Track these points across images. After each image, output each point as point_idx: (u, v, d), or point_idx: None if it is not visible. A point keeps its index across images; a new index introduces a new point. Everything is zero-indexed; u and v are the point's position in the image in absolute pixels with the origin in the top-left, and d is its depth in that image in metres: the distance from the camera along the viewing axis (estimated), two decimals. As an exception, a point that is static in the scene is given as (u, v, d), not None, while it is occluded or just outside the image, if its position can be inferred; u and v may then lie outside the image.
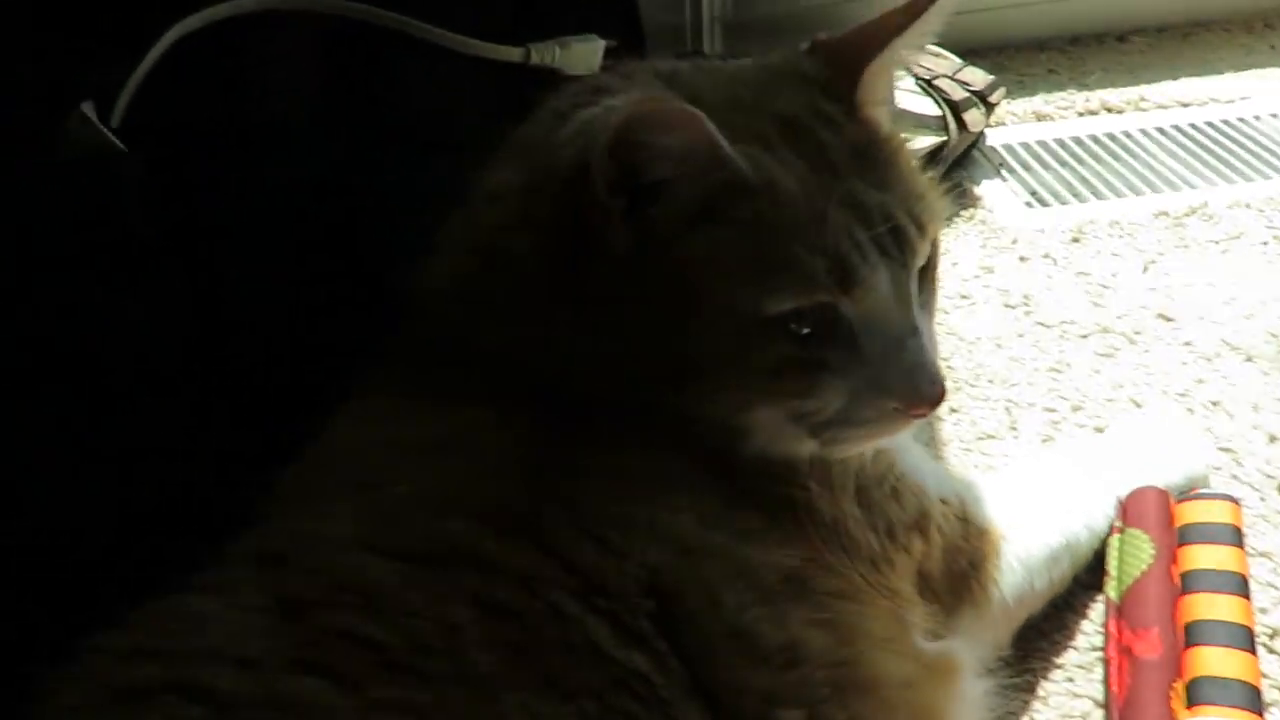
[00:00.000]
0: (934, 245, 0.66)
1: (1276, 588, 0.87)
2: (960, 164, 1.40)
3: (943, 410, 1.06)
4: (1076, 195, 1.36)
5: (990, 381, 1.09)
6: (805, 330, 0.59)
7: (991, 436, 1.03)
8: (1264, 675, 0.81)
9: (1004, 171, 1.41)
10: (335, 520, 0.56)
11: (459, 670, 0.49)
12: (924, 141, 1.33)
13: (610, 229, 0.58)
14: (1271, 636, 0.84)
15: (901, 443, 0.74)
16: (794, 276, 0.58)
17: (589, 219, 0.59)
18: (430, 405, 0.63)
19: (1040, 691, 0.82)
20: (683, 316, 0.59)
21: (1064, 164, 1.43)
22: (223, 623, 0.51)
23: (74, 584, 0.68)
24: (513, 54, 1.02)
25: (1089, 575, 0.87)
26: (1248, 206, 1.30)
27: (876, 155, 0.62)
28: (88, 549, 0.73)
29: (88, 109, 0.77)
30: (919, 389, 0.60)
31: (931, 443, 1.03)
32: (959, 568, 0.74)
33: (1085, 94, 1.55)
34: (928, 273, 0.65)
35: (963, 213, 1.33)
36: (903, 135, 1.31)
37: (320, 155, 0.98)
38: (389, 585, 0.52)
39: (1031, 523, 0.81)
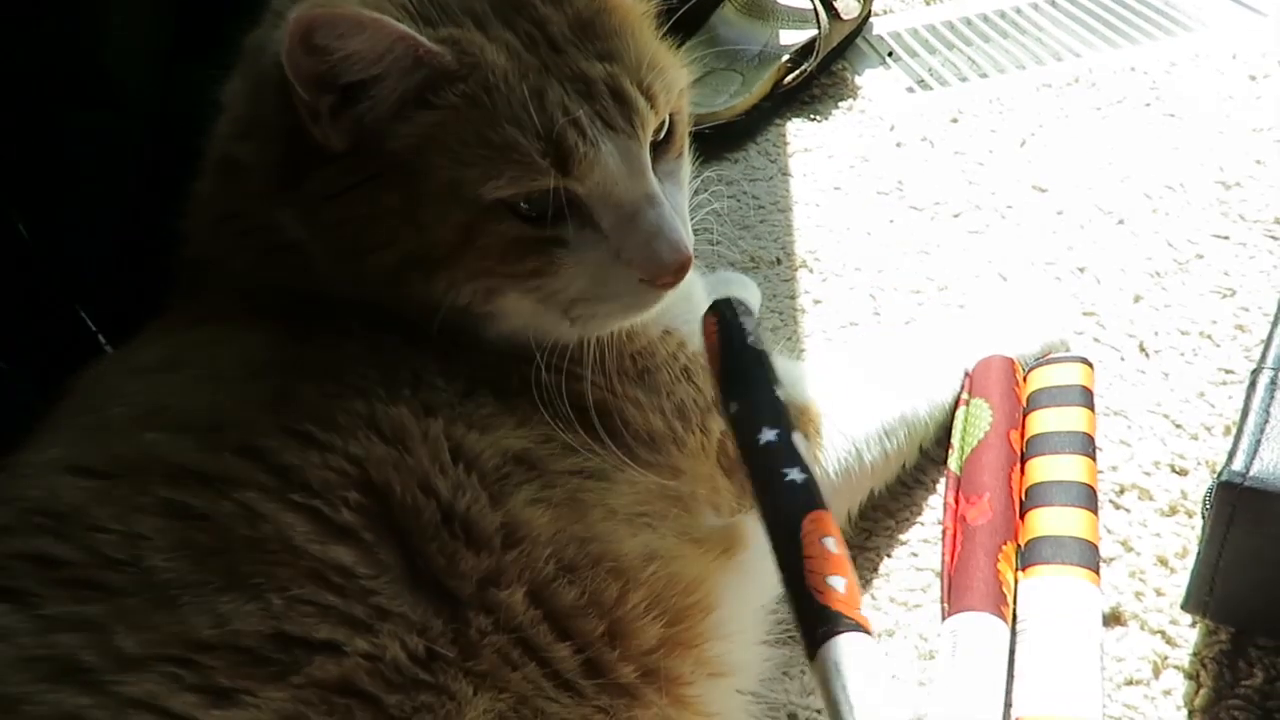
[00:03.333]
0: (677, 115, 0.64)
1: (1129, 445, 0.86)
2: (842, 54, 1.36)
3: (805, 303, 1.05)
4: (961, 77, 1.33)
5: (857, 269, 1.07)
6: (536, 211, 0.58)
7: (855, 324, 1.01)
8: (1110, 531, 0.80)
9: (890, 59, 1.38)
10: (47, 447, 0.56)
11: (140, 579, 0.49)
12: (795, 36, 1.30)
13: (322, 128, 0.57)
14: (1120, 493, 0.82)
15: (698, 325, 0.73)
16: (511, 161, 0.56)
17: (303, 119, 0.57)
18: (173, 327, 0.63)
19: (883, 569, 0.81)
20: (409, 207, 0.57)
21: (951, 47, 1.39)
22: None
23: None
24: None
25: (940, 450, 0.86)
26: (1132, 70, 1.26)
27: (604, 26, 0.60)
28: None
29: None
30: (659, 258, 0.59)
31: (794, 335, 1.01)
32: (774, 448, 0.73)
33: (976, -27, 1.51)
34: (672, 143, 0.64)
35: (841, 103, 1.30)
36: (778, 30, 1.30)
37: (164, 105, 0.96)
38: (78, 503, 0.51)
39: (860, 398, 0.80)
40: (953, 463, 0.83)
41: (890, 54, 1.39)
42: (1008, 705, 0.68)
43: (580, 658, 0.54)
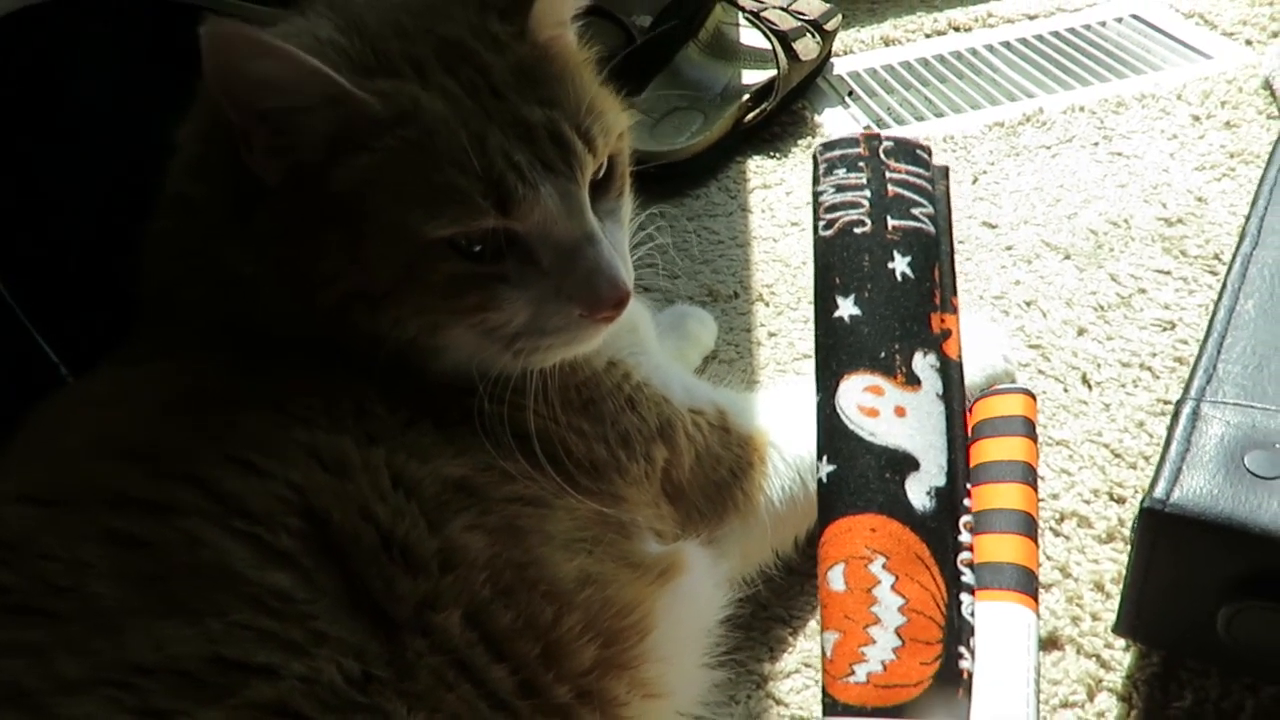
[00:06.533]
0: (617, 157, 0.66)
1: (1070, 474, 0.88)
2: (802, 94, 1.40)
3: (761, 335, 1.07)
4: (918, 116, 1.36)
5: (812, 303, 1.09)
6: (477, 248, 0.60)
7: (808, 356, 1.03)
8: (1050, 558, 0.82)
9: (849, 99, 1.41)
10: (1, 478, 0.57)
11: (84, 605, 0.50)
12: (757, 75, 1.34)
13: (256, 157, 0.59)
14: (1060, 520, 0.85)
15: (643, 356, 0.75)
16: (452, 202, 0.58)
17: (240, 152, 0.59)
18: (126, 361, 0.65)
19: (829, 594, 0.82)
20: (353, 245, 0.60)
21: (908, 87, 1.43)
22: None
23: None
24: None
25: (887, 479, 0.88)
26: (1081, 109, 1.30)
27: (545, 73, 0.62)
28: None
29: None
30: (598, 293, 0.61)
31: (749, 367, 1.03)
32: (718, 476, 0.75)
33: (933, 15, 1.55)
34: (613, 183, 0.66)
35: (800, 141, 1.33)
36: (740, 70, 1.34)
37: (129, 140, 0.98)
38: (26, 532, 0.53)
39: (805, 426, 0.81)
40: (897, 491, 0.85)
41: (850, 93, 1.42)
42: (945, 728, 0.70)
43: (516, 679, 0.55)
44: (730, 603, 0.72)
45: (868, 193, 0.76)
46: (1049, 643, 0.77)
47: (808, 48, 1.35)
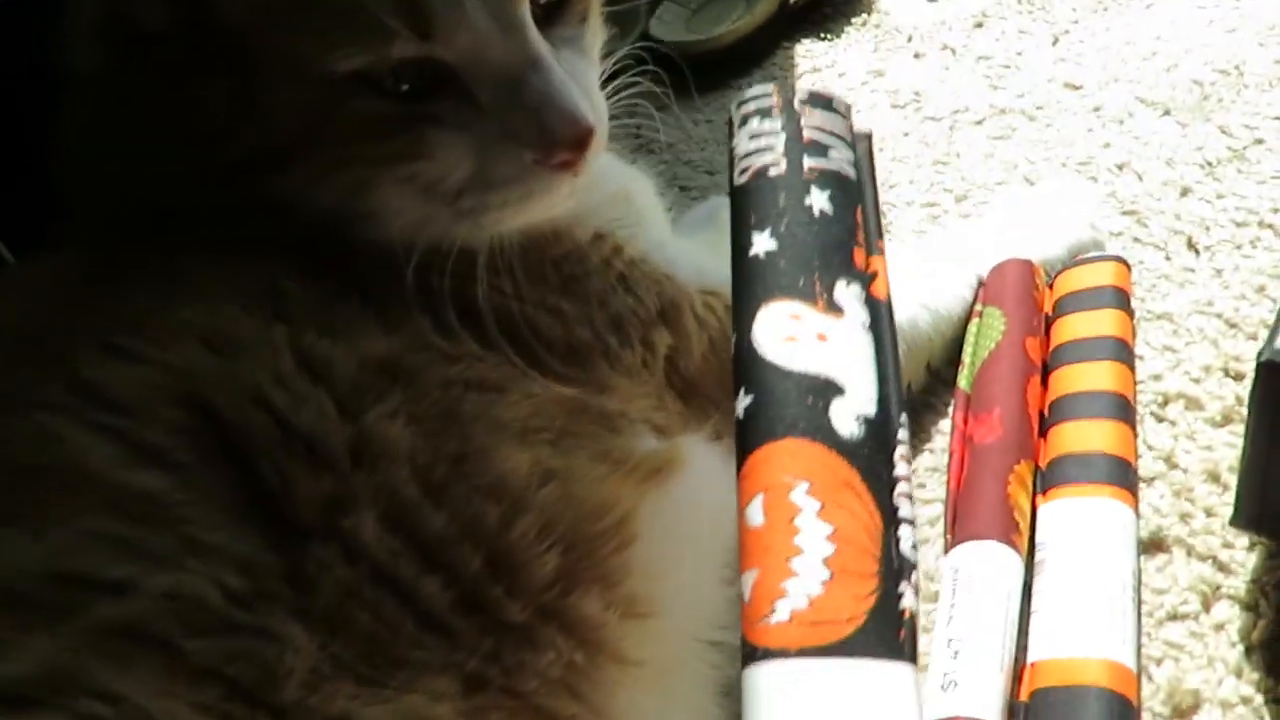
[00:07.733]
0: None
1: (1175, 351, 0.74)
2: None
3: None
4: (988, -20, 1.21)
5: (868, 187, 0.96)
6: (403, 86, 0.50)
7: (862, 243, 0.90)
8: (1151, 447, 0.69)
9: (911, -27, 1.26)
10: None
11: None
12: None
13: (137, 3, 0.50)
14: (1163, 404, 0.71)
15: (639, 229, 0.64)
16: (359, 26, 0.48)
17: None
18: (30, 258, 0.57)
19: (885, 502, 0.70)
20: (251, 90, 0.50)
21: (978, -47, 1.27)
22: None
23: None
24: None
25: (952, 370, 0.75)
26: (1181, -46, 1.12)
27: None
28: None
29: None
30: (549, 129, 0.50)
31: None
32: (738, 365, 0.63)
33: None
34: (570, 5, 0.55)
35: (854, 19, 1.19)
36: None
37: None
38: None
39: (843, 310, 0.70)
40: (962, 380, 0.72)
41: (912, -33, 1.27)
42: (1022, 648, 0.57)
43: (452, 593, 0.45)
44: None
45: (783, 136, 0.66)
46: (1152, 545, 0.63)
47: (859, -83, 1.21)
